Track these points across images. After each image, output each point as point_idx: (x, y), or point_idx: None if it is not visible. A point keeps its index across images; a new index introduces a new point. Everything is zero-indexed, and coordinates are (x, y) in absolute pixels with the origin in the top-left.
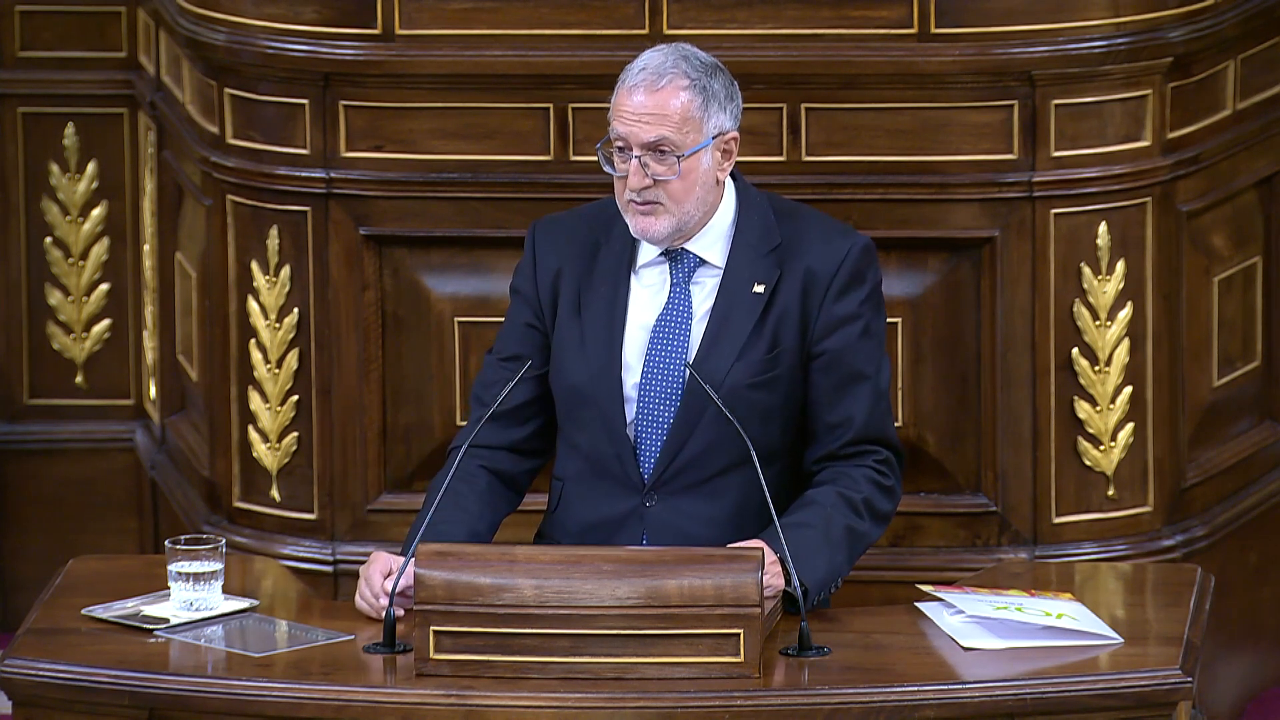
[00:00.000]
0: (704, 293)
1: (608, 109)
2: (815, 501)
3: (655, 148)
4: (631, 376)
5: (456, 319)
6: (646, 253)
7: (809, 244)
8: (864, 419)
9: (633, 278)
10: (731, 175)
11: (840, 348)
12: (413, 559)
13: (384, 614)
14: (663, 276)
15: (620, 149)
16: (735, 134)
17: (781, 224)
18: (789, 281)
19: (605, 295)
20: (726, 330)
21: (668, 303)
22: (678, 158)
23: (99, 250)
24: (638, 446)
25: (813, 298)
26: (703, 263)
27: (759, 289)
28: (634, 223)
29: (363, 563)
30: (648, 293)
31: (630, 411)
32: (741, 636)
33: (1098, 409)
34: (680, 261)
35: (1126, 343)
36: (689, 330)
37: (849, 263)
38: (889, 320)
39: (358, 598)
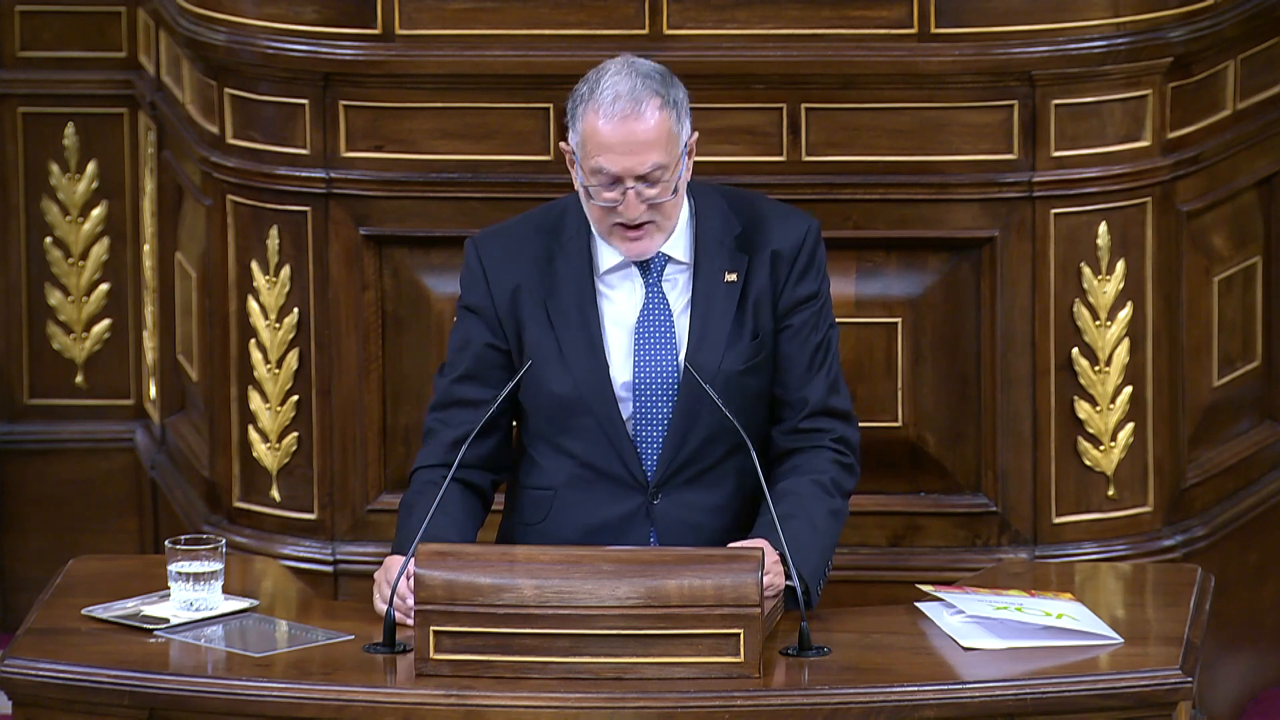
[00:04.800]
0: (677, 289)
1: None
2: (792, 492)
3: (648, 176)
4: (621, 376)
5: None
6: (609, 257)
7: (769, 227)
8: (821, 394)
9: (599, 283)
10: None
11: (802, 325)
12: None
13: (408, 614)
14: (632, 278)
15: (609, 183)
16: (695, 134)
17: (737, 211)
18: (758, 266)
19: (573, 303)
20: (710, 322)
21: (646, 302)
22: (673, 179)
23: (99, 250)
24: (638, 445)
25: (779, 277)
26: (670, 259)
27: (731, 277)
28: (625, 247)
29: (363, 562)
30: (619, 294)
31: (626, 411)
32: (741, 636)
33: (1098, 409)
34: (649, 261)
35: (1126, 343)
36: (672, 326)
37: (809, 243)
38: (889, 320)
39: (378, 601)
